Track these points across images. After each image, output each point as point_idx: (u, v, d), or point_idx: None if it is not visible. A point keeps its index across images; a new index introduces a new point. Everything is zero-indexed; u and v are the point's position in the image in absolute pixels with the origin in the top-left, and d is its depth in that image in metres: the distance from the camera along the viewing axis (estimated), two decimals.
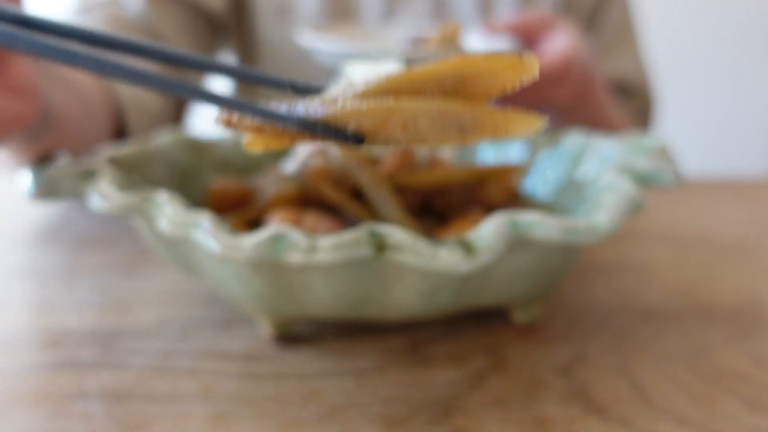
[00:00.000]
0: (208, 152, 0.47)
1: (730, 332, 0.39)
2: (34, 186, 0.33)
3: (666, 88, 1.67)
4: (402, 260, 0.28)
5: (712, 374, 0.34)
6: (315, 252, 0.27)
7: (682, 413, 0.31)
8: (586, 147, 0.42)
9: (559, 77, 0.58)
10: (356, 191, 0.37)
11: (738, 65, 1.67)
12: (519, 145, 0.47)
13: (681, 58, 1.66)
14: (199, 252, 0.32)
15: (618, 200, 0.32)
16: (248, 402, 0.32)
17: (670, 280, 0.46)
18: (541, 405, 0.32)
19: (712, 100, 1.71)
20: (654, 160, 0.35)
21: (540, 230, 0.29)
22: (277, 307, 0.33)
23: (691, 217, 0.59)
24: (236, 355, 0.36)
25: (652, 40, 1.62)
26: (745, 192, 0.66)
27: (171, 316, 0.40)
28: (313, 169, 0.37)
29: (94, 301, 0.42)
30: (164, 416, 0.31)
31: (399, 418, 0.31)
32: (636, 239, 0.53)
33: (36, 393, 0.33)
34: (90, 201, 0.33)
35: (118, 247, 0.52)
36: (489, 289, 0.33)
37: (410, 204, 0.38)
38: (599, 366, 0.35)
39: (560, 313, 0.41)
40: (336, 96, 0.24)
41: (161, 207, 0.31)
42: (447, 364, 0.35)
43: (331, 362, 0.35)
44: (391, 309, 0.33)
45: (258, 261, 0.28)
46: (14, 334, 0.38)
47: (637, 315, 0.41)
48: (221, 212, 0.42)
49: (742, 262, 0.49)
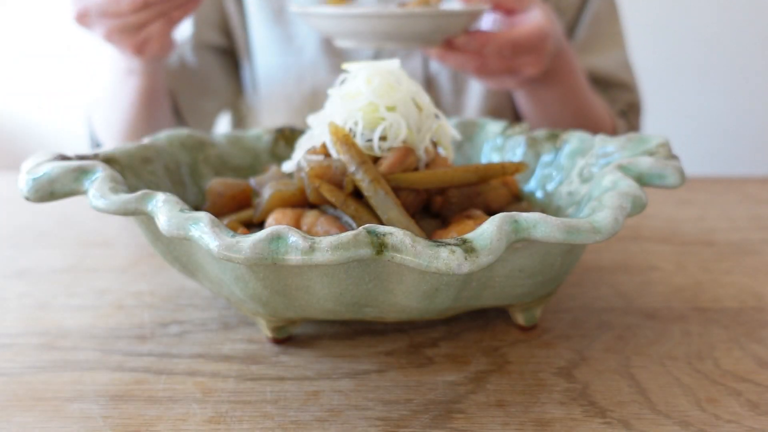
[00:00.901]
0: (206, 152, 0.47)
1: (734, 333, 0.38)
2: (31, 186, 0.33)
3: (667, 88, 1.67)
4: (402, 260, 0.27)
5: (715, 376, 0.34)
6: (314, 252, 0.27)
7: (685, 415, 0.31)
8: (589, 146, 0.42)
9: (532, 46, 0.59)
10: (356, 191, 0.37)
11: (741, 65, 1.67)
12: (520, 145, 0.46)
13: (682, 59, 1.66)
14: (197, 253, 0.32)
15: (620, 200, 0.31)
16: (247, 404, 0.32)
17: (673, 281, 0.45)
18: (542, 407, 0.31)
19: (713, 100, 1.70)
20: (657, 160, 0.35)
21: (541, 230, 0.28)
22: (276, 308, 0.33)
23: (694, 217, 0.58)
24: (235, 357, 0.36)
25: (653, 41, 1.62)
26: (750, 192, 0.66)
27: (169, 318, 0.40)
28: (313, 169, 0.37)
29: (92, 303, 0.42)
30: (162, 418, 0.31)
31: (399, 420, 0.31)
32: (638, 239, 0.53)
33: (33, 394, 0.33)
34: (89, 200, 0.33)
35: (117, 248, 0.51)
36: (490, 290, 0.33)
37: (410, 204, 0.38)
38: (601, 368, 0.35)
39: (561, 315, 0.40)
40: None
41: (160, 207, 0.30)
42: (447, 365, 0.35)
43: (330, 364, 0.35)
44: (391, 310, 0.32)
45: (257, 261, 0.27)
46: (12, 335, 0.38)
47: (640, 316, 0.40)
48: (220, 212, 0.42)
49: (747, 262, 0.48)
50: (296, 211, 0.38)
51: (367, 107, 0.39)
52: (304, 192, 0.39)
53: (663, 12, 1.62)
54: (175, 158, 0.44)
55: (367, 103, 0.39)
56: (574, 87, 0.70)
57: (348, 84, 0.40)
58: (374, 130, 0.38)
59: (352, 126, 0.39)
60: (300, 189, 0.39)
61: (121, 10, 0.54)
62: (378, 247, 0.27)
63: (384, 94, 0.39)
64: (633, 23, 1.21)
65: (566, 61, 0.68)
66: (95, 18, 0.56)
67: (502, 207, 0.41)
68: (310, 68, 0.79)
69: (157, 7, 0.55)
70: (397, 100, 0.39)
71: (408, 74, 0.42)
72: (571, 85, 0.70)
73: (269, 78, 0.82)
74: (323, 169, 0.37)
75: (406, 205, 0.37)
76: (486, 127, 0.50)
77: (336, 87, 0.42)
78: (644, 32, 1.56)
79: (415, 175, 0.37)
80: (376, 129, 0.38)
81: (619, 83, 0.83)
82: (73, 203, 0.58)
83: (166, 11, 0.56)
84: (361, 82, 0.39)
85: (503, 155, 0.48)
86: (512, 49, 0.59)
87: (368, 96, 0.39)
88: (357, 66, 0.40)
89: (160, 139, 0.44)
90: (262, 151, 0.49)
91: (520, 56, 0.60)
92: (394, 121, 0.39)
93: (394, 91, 0.39)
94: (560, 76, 0.68)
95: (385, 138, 0.39)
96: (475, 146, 0.50)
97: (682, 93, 1.69)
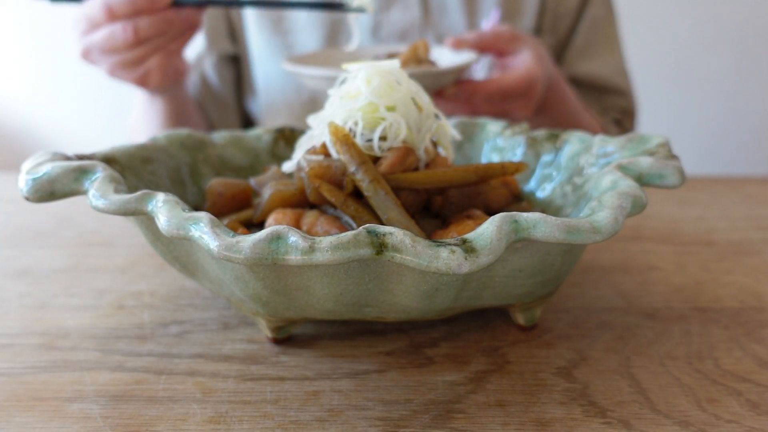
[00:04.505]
0: (206, 152, 0.47)
1: (734, 333, 0.38)
2: (31, 186, 0.33)
3: (667, 88, 1.66)
4: (402, 260, 0.27)
5: (715, 376, 0.34)
6: (314, 252, 0.27)
7: (685, 415, 0.31)
8: (589, 146, 0.42)
9: (521, 92, 0.62)
10: (356, 191, 0.37)
11: (741, 65, 1.67)
12: (520, 145, 0.46)
13: (682, 58, 1.66)
14: (197, 253, 0.32)
15: (620, 200, 0.31)
16: (247, 404, 0.32)
17: (673, 281, 0.45)
18: (542, 407, 0.31)
19: (713, 100, 1.70)
20: (657, 160, 0.35)
21: (541, 229, 0.28)
22: (276, 308, 0.33)
23: (694, 217, 0.58)
24: (235, 357, 0.36)
25: (653, 41, 1.62)
26: (750, 192, 0.66)
27: (169, 318, 0.40)
28: (313, 169, 0.37)
29: (92, 303, 0.42)
30: (162, 418, 0.31)
31: (399, 420, 0.31)
32: (638, 239, 0.53)
33: (33, 394, 0.33)
34: (89, 200, 0.32)
35: (117, 248, 0.51)
36: (490, 290, 0.32)
37: (410, 204, 0.38)
38: (601, 368, 0.35)
39: (562, 315, 0.40)
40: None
41: (160, 207, 0.30)
42: (447, 365, 0.35)
43: (330, 364, 0.35)
44: (391, 310, 0.32)
45: (257, 261, 0.27)
46: (12, 335, 0.38)
47: (640, 316, 0.40)
48: (220, 212, 0.42)
49: (747, 262, 0.48)
50: (296, 211, 0.38)
51: (367, 107, 0.39)
52: (304, 192, 0.39)
53: (663, 12, 1.62)
54: (175, 158, 0.44)
55: (366, 103, 0.39)
56: (564, 113, 0.73)
57: (348, 84, 0.40)
58: (374, 130, 0.38)
59: (352, 126, 0.39)
60: (300, 189, 0.39)
61: (117, 47, 0.57)
62: (378, 247, 0.27)
63: (384, 94, 0.39)
64: (633, 23, 1.21)
65: (556, 92, 0.70)
66: (97, 55, 0.60)
67: (502, 207, 0.41)
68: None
69: (152, 42, 0.58)
70: (396, 100, 0.39)
71: None
72: (561, 112, 0.72)
73: (269, 86, 0.83)
74: (323, 169, 0.37)
75: (406, 205, 0.37)
76: (486, 127, 0.50)
77: (336, 87, 0.42)
78: (644, 32, 1.56)
79: (415, 175, 0.37)
80: (376, 129, 0.38)
81: (615, 89, 0.84)
82: (73, 203, 0.58)
83: (162, 45, 0.59)
84: (360, 82, 0.39)
85: (503, 155, 0.48)
86: (501, 96, 0.61)
87: (368, 96, 0.39)
88: (357, 66, 0.40)
89: (160, 139, 0.44)
90: (262, 151, 0.49)
91: (509, 102, 0.63)
92: (394, 121, 0.39)
93: (393, 91, 0.39)
94: (550, 108, 0.71)
95: (385, 138, 0.39)
96: (475, 146, 0.50)
97: (682, 93, 1.69)
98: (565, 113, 0.72)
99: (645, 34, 1.57)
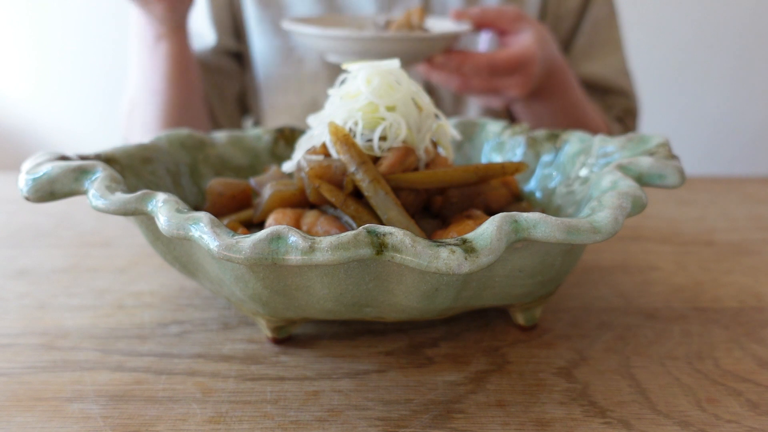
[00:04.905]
0: (206, 152, 0.47)
1: (734, 333, 0.38)
2: (31, 186, 0.33)
3: (667, 88, 1.66)
4: (402, 260, 0.27)
5: (715, 376, 0.34)
6: (314, 252, 0.27)
7: (685, 415, 0.31)
8: (589, 146, 0.42)
9: (513, 69, 0.61)
10: (356, 191, 0.37)
11: (741, 65, 1.67)
12: (520, 145, 0.46)
13: (683, 58, 1.66)
14: (197, 253, 0.32)
15: (620, 200, 0.31)
16: (247, 404, 0.32)
17: (673, 281, 0.45)
18: (542, 407, 0.31)
19: (713, 100, 1.70)
20: (657, 160, 0.35)
21: (541, 230, 0.28)
22: (276, 308, 0.33)
23: (694, 217, 0.58)
24: (235, 357, 0.36)
25: (654, 41, 1.62)
26: (750, 192, 0.66)
27: (169, 318, 0.40)
28: (313, 169, 0.37)
29: (92, 303, 0.42)
30: (162, 418, 0.31)
31: (399, 420, 0.31)
32: (638, 239, 0.53)
33: (33, 394, 0.32)
34: (89, 200, 0.32)
35: (117, 248, 0.51)
36: (490, 290, 0.32)
37: (410, 204, 0.38)
38: (601, 368, 0.35)
39: (562, 315, 0.40)
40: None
41: (160, 207, 0.30)
42: (447, 365, 0.35)
43: (330, 364, 0.35)
44: (391, 310, 0.32)
45: (257, 261, 0.27)
46: (12, 335, 0.38)
47: (640, 316, 0.40)
48: (220, 212, 0.42)
49: (747, 262, 0.48)
50: (296, 211, 0.38)
51: (367, 107, 0.39)
52: (304, 192, 0.39)
53: (664, 12, 1.62)
54: (175, 158, 0.44)
55: (366, 103, 0.39)
56: (569, 103, 0.72)
57: (348, 84, 0.40)
58: (374, 130, 0.38)
59: (352, 126, 0.39)
60: (300, 189, 0.39)
61: None
62: (378, 247, 0.27)
63: (384, 94, 0.39)
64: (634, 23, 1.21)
65: (560, 80, 0.69)
66: None
67: (502, 207, 0.41)
68: (310, 79, 0.81)
69: None
70: (397, 100, 0.39)
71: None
72: (566, 101, 0.71)
73: (270, 87, 0.83)
74: (323, 169, 0.37)
75: (406, 205, 0.37)
76: (486, 127, 0.50)
77: (336, 87, 0.42)
78: (645, 32, 1.56)
79: (415, 175, 0.37)
80: (376, 129, 0.38)
81: (617, 89, 0.84)
82: (73, 203, 0.58)
83: None
84: (360, 82, 0.39)
85: (503, 155, 0.48)
86: (489, 70, 0.61)
87: (368, 96, 0.39)
88: (357, 66, 0.40)
89: (160, 139, 0.44)
90: (262, 151, 0.49)
91: (502, 78, 0.62)
92: (394, 121, 0.39)
93: (393, 91, 0.39)
94: (554, 94, 0.70)
95: (385, 138, 0.39)
96: (475, 146, 0.50)
97: (682, 93, 1.69)
98: (569, 103, 0.72)
99: (646, 35, 1.57)
